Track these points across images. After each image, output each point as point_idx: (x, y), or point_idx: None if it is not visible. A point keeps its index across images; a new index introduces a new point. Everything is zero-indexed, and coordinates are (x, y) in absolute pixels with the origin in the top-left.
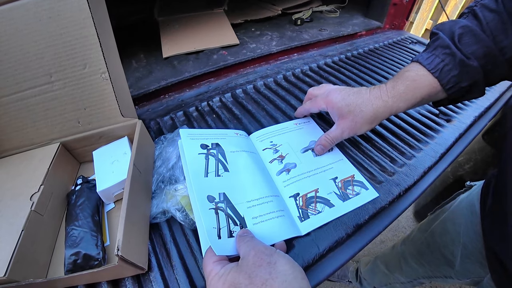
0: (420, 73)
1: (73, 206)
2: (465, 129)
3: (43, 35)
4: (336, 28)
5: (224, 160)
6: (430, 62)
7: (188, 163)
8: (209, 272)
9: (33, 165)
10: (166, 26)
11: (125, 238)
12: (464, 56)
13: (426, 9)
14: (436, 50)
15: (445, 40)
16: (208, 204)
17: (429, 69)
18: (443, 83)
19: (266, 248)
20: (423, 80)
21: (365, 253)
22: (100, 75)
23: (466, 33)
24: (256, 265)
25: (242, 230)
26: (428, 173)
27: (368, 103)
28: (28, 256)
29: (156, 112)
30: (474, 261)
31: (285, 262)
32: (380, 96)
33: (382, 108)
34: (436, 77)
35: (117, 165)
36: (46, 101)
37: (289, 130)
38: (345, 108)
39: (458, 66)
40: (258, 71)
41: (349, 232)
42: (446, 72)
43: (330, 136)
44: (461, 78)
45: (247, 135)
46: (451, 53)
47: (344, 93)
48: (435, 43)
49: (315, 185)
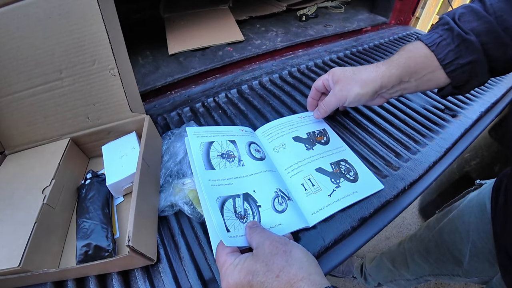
0: (417, 45)
1: (83, 200)
2: (471, 124)
3: (53, 32)
4: (341, 24)
5: (230, 156)
6: (429, 37)
7: (195, 160)
8: (223, 263)
9: (44, 160)
10: (172, 23)
11: (135, 229)
12: (462, 31)
13: (432, 4)
14: (436, 29)
15: (445, 19)
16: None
17: (426, 43)
18: (440, 57)
19: (280, 237)
20: (418, 51)
21: (370, 249)
22: (109, 71)
23: (467, 12)
24: (272, 254)
25: (251, 221)
26: (433, 168)
27: (362, 69)
28: (41, 247)
29: (163, 107)
30: (483, 260)
31: (299, 250)
32: (375, 65)
33: (374, 73)
34: (432, 51)
35: (126, 159)
36: (57, 97)
37: (294, 123)
38: (341, 74)
39: (455, 40)
40: (264, 67)
41: (354, 225)
42: (443, 46)
43: (324, 101)
44: (459, 54)
45: (252, 131)
46: (449, 28)
47: (345, 67)
48: (437, 24)
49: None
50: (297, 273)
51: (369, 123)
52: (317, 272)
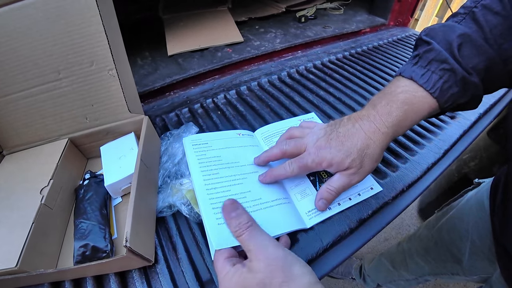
0: (418, 95)
1: (81, 200)
2: (470, 126)
3: (51, 33)
4: (340, 25)
5: (225, 162)
6: (427, 80)
7: (192, 170)
8: (221, 270)
9: (42, 160)
10: (171, 24)
11: (133, 230)
12: (466, 72)
13: (431, 5)
14: (431, 65)
15: (441, 53)
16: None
17: (427, 89)
18: (441, 101)
19: (277, 249)
20: (423, 103)
21: (369, 250)
22: (107, 72)
23: (466, 44)
24: (268, 270)
25: (230, 200)
26: (432, 169)
27: (370, 143)
28: (39, 248)
29: (162, 108)
30: (483, 257)
31: (299, 265)
32: (377, 129)
33: (385, 141)
34: (435, 98)
35: (124, 160)
36: (55, 98)
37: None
38: (347, 160)
39: (459, 84)
40: (262, 68)
41: (352, 226)
42: (446, 89)
43: (335, 187)
44: (461, 95)
45: (251, 133)
46: (451, 69)
47: (335, 143)
48: (428, 56)
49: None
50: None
51: None
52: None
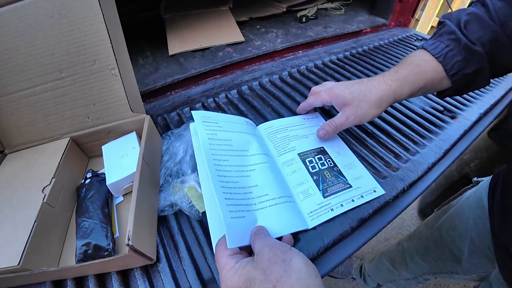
0: (425, 58)
1: (83, 199)
2: (470, 126)
3: (54, 32)
4: (341, 25)
5: (235, 148)
6: (435, 47)
7: (203, 146)
8: (223, 266)
9: (44, 159)
10: (172, 23)
11: (135, 229)
12: (469, 42)
13: (432, 6)
14: (441, 37)
15: (450, 27)
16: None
17: (433, 54)
18: (447, 68)
19: (281, 245)
20: (427, 65)
21: (369, 250)
22: (109, 71)
23: (472, 20)
24: (271, 262)
25: (257, 227)
26: (432, 169)
27: (372, 88)
28: (41, 246)
29: (163, 108)
30: (482, 256)
31: (299, 260)
32: (383, 80)
33: (386, 91)
34: (440, 62)
35: (126, 159)
36: (57, 97)
37: (297, 125)
38: (349, 95)
39: (462, 52)
40: (264, 68)
41: (353, 226)
42: (450, 57)
43: (335, 123)
44: (465, 64)
45: (255, 125)
46: (456, 39)
47: (346, 84)
48: (440, 31)
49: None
50: (294, 285)
51: (368, 124)
52: (316, 284)
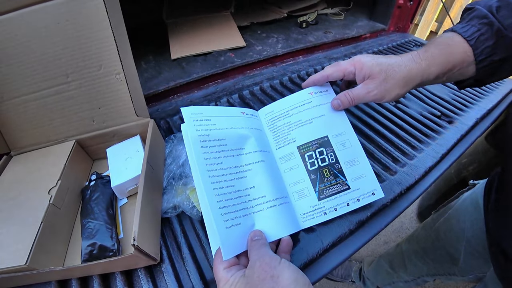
0: (456, 39)
1: (88, 201)
2: (467, 130)
3: (61, 37)
4: (341, 30)
5: (229, 148)
6: (466, 30)
7: (194, 151)
8: (220, 279)
9: (50, 161)
10: (174, 28)
11: (140, 229)
12: (502, 26)
13: (431, 11)
14: (472, 21)
15: (482, 11)
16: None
17: (464, 37)
18: (476, 52)
19: (272, 259)
20: (458, 46)
21: (369, 253)
22: (115, 76)
23: (504, 6)
24: (260, 279)
25: (254, 232)
26: (430, 173)
27: (402, 63)
28: (47, 246)
29: (166, 111)
30: (478, 257)
31: (288, 275)
32: (412, 58)
33: (415, 70)
34: (471, 46)
35: (131, 162)
36: (63, 100)
37: (301, 105)
38: (376, 67)
39: (494, 36)
40: (264, 72)
41: (352, 228)
42: (482, 41)
43: (352, 94)
44: (495, 50)
45: (255, 112)
46: (489, 23)
47: (372, 55)
48: (470, 15)
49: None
50: None
51: (366, 128)
52: None
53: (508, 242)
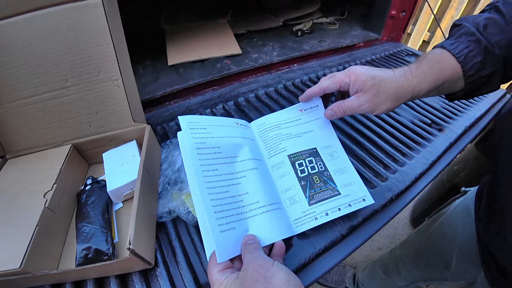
0: (446, 56)
1: (83, 205)
2: (456, 138)
3: (61, 43)
4: (335, 39)
5: (224, 156)
6: (455, 47)
7: (191, 157)
8: (214, 282)
9: (46, 165)
10: (172, 34)
11: (136, 233)
12: (489, 44)
13: (423, 21)
14: (460, 37)
15: (470, 29)
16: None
17: (454, 54)
18: (466, 68)
19: (265, 261)
20: (447, 63)
21: (363, 259)
22: (113, 81)
23: (491, 24)
24: (253, 280)
25: (248, 236)
26: (420, 180)
27: (393, 79)
28: (42, 250)
29: (162, 117)
30: (469, 262)
31: (281, 276)
32: (404, 74)
33: (406, 87)
34: (460, 62)
35: (127, 166)
36: (61, 105)
37: (292, 120)
38: (370, 81)
39: (482, 52)
40: (260, 80)
41: (343, 233)
42: (471, 57)
43: (345, 105)
44: (483, 66)
45: (247, 124)
46: (476, 40)
47: (367, 67)
48: (459, 32)
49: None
50: None
51: (358, 135)
52: None
53: (497, 247)
